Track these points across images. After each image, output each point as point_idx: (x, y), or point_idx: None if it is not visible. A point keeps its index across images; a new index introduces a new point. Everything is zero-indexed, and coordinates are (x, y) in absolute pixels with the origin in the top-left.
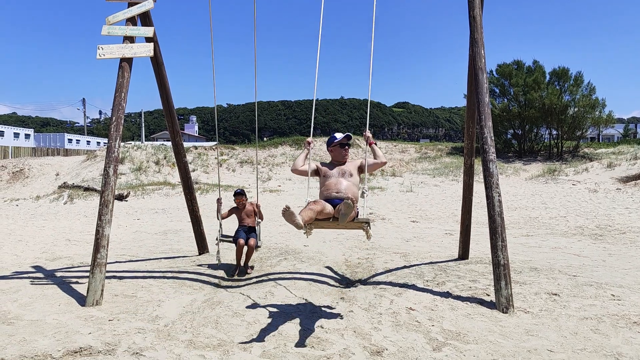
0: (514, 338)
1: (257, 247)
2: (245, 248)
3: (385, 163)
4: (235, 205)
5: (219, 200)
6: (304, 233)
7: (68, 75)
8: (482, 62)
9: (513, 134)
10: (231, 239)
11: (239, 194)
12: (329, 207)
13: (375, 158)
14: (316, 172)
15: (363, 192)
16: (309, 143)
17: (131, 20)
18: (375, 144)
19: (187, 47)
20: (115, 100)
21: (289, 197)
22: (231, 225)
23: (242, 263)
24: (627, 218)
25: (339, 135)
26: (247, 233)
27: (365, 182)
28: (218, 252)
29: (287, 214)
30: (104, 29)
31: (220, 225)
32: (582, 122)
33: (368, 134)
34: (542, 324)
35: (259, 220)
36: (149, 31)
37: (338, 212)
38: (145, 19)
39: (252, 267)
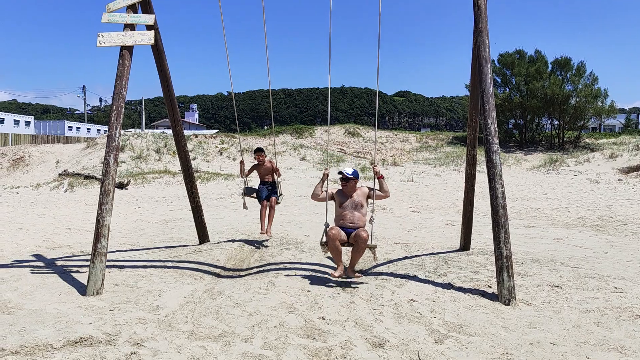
0: (516, 330)
1: (277, 202)
2: (267, 210)
3: (388, 196)
4: (255, 162)
5: (242, 162)
6: (322, 251)
7: (68, 62)
8: (487, 52)
9: (514, 123)
10: (254, 192)
11: (259, 151)
12: (343, 235)
13: (381, 190)
14: (332, 198)
15: (371, 219)
16: (326, 175)
17: (132, 8)
18: (383, 177)
19: (188, 34)
20: (115, 89)
21: (290, 186)
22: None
23: (265, 224)
24: (628, 209)
25: (347, 170)
26: (269, 190)
27: (372, 210)
28: (245, 203)
29: (324, 250)
30: (104, 17)
31: (245, 182)
32: (583, 112)
33: (377, 168)
34: (544, 317)
35: (278, 178)
36: (149, 19)
37: (353, 239)
38: (145, 6)
39: (270, 231)
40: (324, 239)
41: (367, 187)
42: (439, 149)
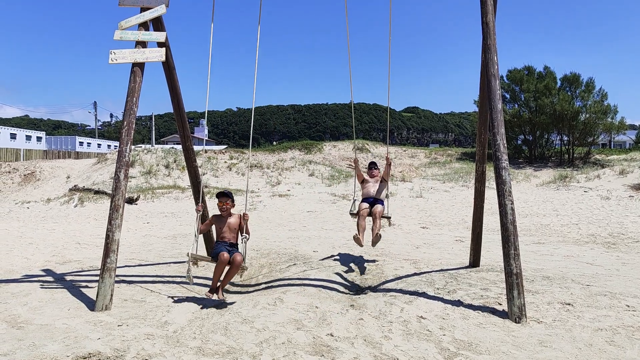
0: (527, 349)
1: (243, 267)
2: (227, 266)
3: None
4: (217, 212)
5: (198, 208)
6: (351, 217)
7: (80, 78)
8: (495, 69)
9: (523, 139)
10: (208, 257)
11: (224, 196)
12: (368, 209)
13: (387, 172)
14: (363, 181)
15: (387, 195)
16: (356, 161)
17: (143, 25)
18: (390, 165)
19: (198, 50)
20: (126, 105)
21: (299, 201)
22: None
23: (219, 284)
24: None
25: (375, 161)
26: (228, 250)
27: (388, 187)
28: (189, 270)
29: (357, 241)
30: (117, 34)
31: (196, 238)
32: (593, 129)
33: (389, 160)
34: (555, 335)
35: (246, 236)
36: (161, 36)
37: (373, 215)
38: (157, 24)
39: (223, 293)
40: (355, 210)
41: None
42: (448, 165)
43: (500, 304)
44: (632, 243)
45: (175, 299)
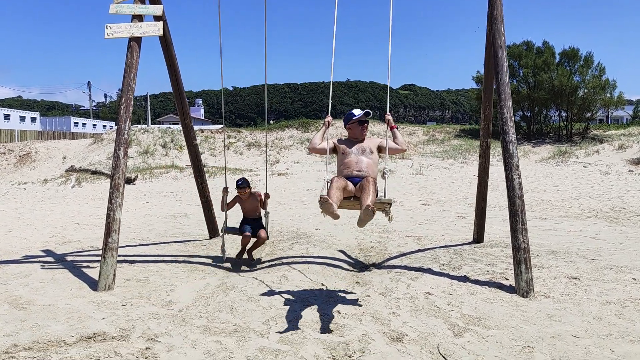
0: (536, 323)
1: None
2: (251, 240)
3: (405, 150)
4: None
5: (225, 190)
6: (321, 211)
7: (73, 58)
8: (502, 40)
9: (522, 115)
10: (238, 231)
11: (242, 187)
12: (350, 185)
13: (395, 142)
14: (334, 150)
15: (384, 173)
16: (329, 122)
17: None
18: (397, 128)
19: (193, 27)
20: (124, 81)
21: (298, 180)
22: (236, 215)
23: (246, 250)
24: None
25: (357, 112)
26: (253, 226)
27: (385, 162)
28: (223, 245)
29: (326, 205)
30: (112, 8)
31: (226, 216)
32: (592, 104)
33: (389, 116)
34: (564, 309)
35: (268, 211)
36: (158, 9)
37: (360, 191)
38: None
39: (258, 260)
40: (324, 192)
41: (380, 138)
42: (446, 142)
43: (507, 279)
44: (634, 217)
45: (179, 278)
